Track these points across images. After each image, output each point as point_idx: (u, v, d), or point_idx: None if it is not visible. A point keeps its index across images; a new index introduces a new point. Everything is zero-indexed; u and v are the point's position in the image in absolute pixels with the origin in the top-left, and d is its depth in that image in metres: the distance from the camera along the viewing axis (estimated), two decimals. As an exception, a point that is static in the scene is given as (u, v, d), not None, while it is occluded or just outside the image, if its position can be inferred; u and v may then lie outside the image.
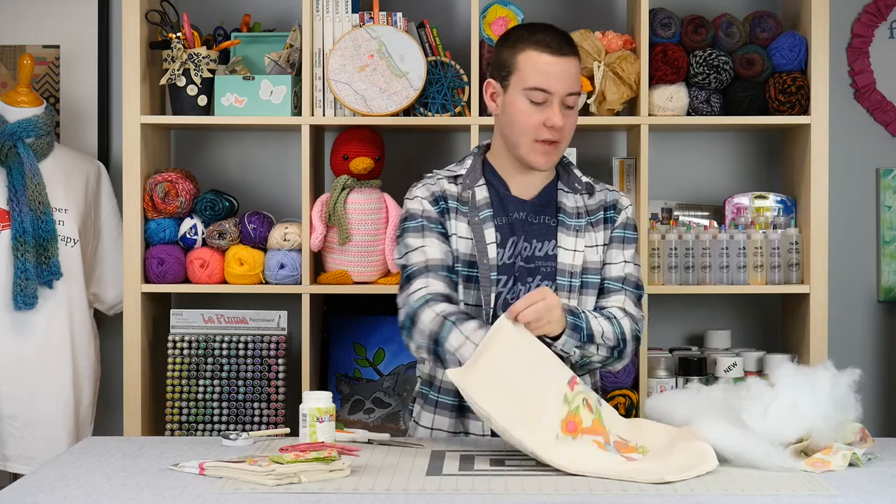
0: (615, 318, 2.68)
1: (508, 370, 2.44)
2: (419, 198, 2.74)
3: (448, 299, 2.66)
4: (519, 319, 2.48)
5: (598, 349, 2.63)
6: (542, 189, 2.77)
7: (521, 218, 2.74)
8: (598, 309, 2.73)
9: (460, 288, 2.71)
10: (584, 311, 2.63)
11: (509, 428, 2.37)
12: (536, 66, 2.66)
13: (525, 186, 2.76)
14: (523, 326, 2.49)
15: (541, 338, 2.53)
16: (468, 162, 2.79)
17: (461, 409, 2.72)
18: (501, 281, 2.70)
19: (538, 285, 2.69)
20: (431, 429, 2.74)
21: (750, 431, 2.37)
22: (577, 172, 2.81)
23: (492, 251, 2.69)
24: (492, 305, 2.68)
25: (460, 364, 2.52)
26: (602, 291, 2.75)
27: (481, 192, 2.74)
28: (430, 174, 2.81)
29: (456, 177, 2.77)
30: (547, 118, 2.66)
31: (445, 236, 2.72)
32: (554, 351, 2.54)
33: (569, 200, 2.76)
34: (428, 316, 2.61)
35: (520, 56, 2.68)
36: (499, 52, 2.75)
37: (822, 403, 2.38)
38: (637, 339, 2.72)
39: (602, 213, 2.78)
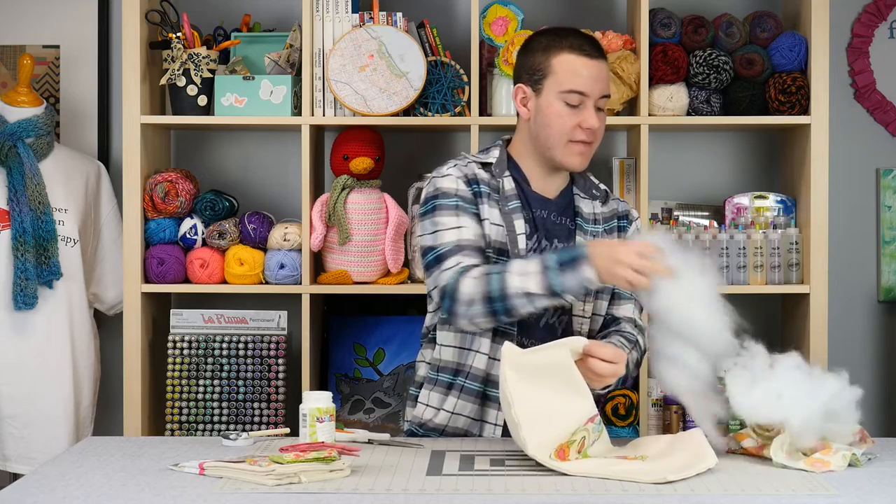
0: (637, 344, 2.73)
1: (549, 377, 2.44)
2: (452, 176, 2.70)
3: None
4: (591, 366, 2.49)
5: (626, 379, 2.69)
6: (561, 192, 2.78)
7: (543, 216, 2.75)
8: (613, 320, 2.77)
9: None
10: (623, 346, 2.67)
11: (521, 424, 2.37)
12: (573, 68, 2.67)
13: (546, 186, 2.77)
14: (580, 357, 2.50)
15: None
16: (496, 152, 2.77)
17: (485, 396, 2.72)
18: None
19: None
20: (452, 413, 2.74)
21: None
22: (594, 179, 2.83)
23: (521, 241, 2.69)
24: None
25: (528, 299, 2.51)
26: (613, 297, 2.78)
27: (509, 183, 2.73)
28: (460, 157, 2.77)
29: (485, 164, 2.75)
30: (583, 120, 2.67)
31: (479, 219, 2.69)
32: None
33: (585, 206, 2.78)
34: (468, 284, 2.56)
35: (554, 59, 2.69)
36: (528, 57, 2.74)
37: (809, 406, 2.38)
38: (644, 352, 2.77)
39: (615, 221, 2.81)
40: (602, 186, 2.83)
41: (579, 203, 2.78)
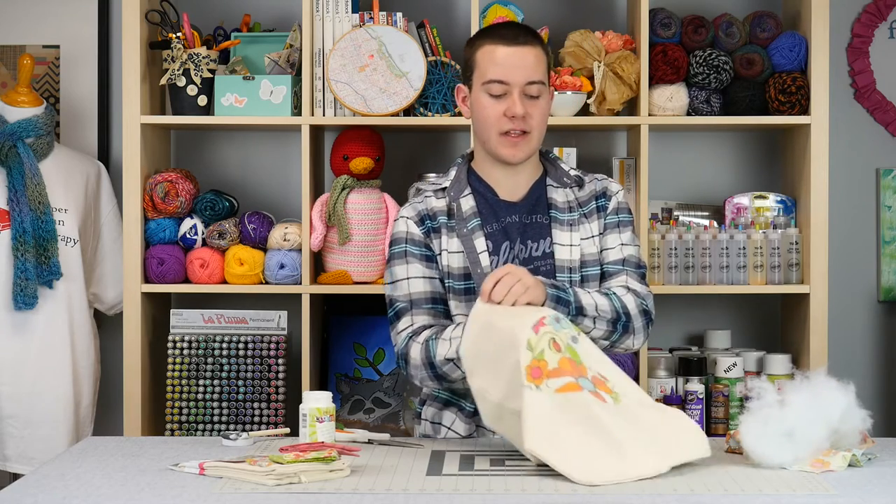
0: (614, 293, 2.67)
1: (484, 342, 2.44)
2: (404, 218, 2.76)
3: (431, 327, 2.69)
4: (492, 298, 2.49)
5: (594, 322, 2.62)
6: (531, 188, 2.76)
7: (514, 221, 2.73)
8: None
9: (456, 303, 2.70)
10: (572, 287, 2.63)
11: (503, 401, 2.37)
12: (492, 58, 2.67)
13: (512, 188, 2.75)
14: (498, 305, 2.49)
15: None
16: (452, 172, 2.79)
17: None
18: None
19: None
20: (450, 428, 2.75)
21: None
22: (565, 167, 2.80)
23: (484, 260, 2.69)
24: None
25: (451, 366, 2.58)
26: (604, 277, 2.74)
27: (468, 203, 2.73)
28: (418, 192, 2.81)
29: (442, 189, 2.77)
30: (507, 108, 2.66)
31: (430, 259, 2.72)
32: None
33: (559, 195, 2.75)
34: (415, 350, 2.65)
35: (477, 53, 2.70)
36: (464, 56, 2.77)
37: (819, 434, 2.36)
38: (646, 313, 2.70)
39: (594, 202, 2.77)
40: (573, 172, 2.79)
41: (552, 194, 2.75)
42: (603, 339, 2.65)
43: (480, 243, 2.70)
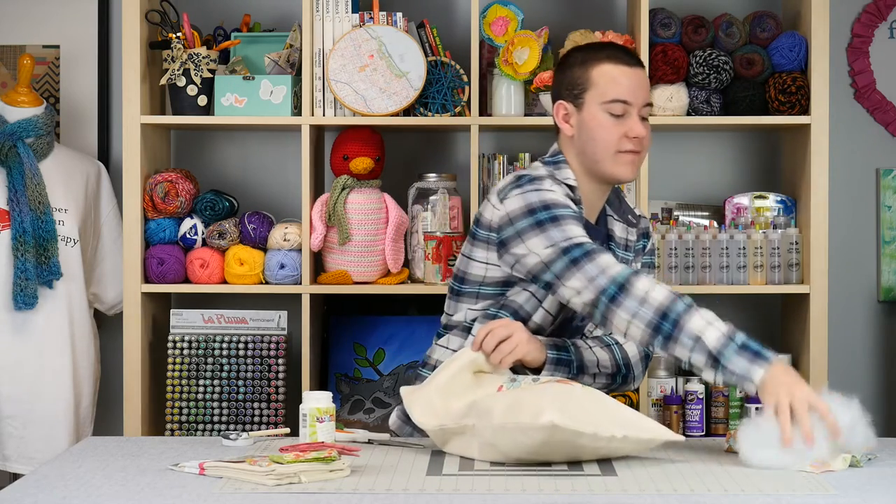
0: (617, 344, 2.70)
1: (450, 386, 2.47)
2: (556, 192, 2.61)
3: None
4: (483, 349, 2.51)
5: (594, 378, 2.65)
6: (599, 214, 2.74)
7: None
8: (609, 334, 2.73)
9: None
10: (574, 343, 2.64)
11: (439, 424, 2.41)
12: (615, 78, 2.64)
13: (592, 209, 2.72)
14: (484, 356, 2.51)
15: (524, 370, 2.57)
16: (568, 173, 2.69)
17: None
18: None
19: None
20: None
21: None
22: (629, 203, 2.80)
23: None
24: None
25: (693, 344, 2.40)
26: None
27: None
28: (535, 171, 2.67)
29: (570, 186, 2.68)
30: (629, 129, 2.63)
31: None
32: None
33: (618, 230, 2.74)
34: (647, 283, 2.42)
35: (593, 71, 2.66)
36: (566, 73, 2.70)
37: (822, 453, 2.35)
38: (647, 357, 2.74)
39: (640, 242, 2.80)
40: (637, 212, 2.80)
41: (612, 226, 2.74)
42: (601, 388, 2.66)
43: None
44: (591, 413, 2.32)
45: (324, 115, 3.71)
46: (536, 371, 2.59)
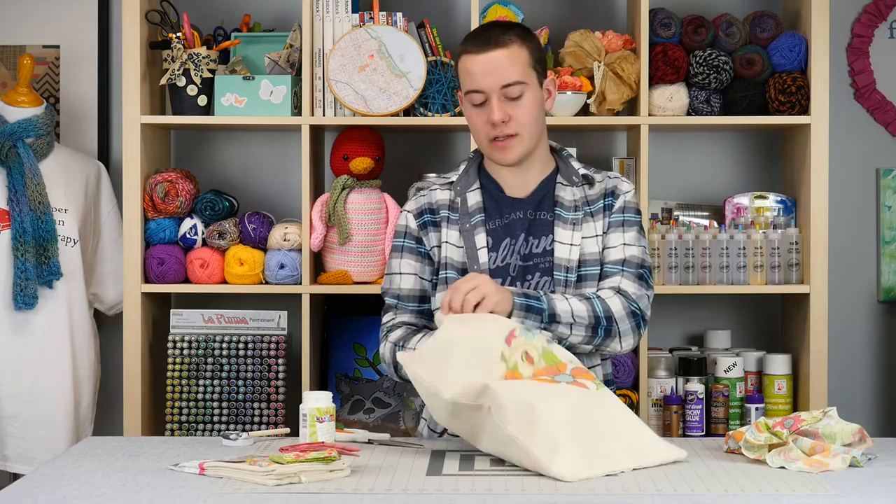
0: (597, 297, 2.65)
1: (451, 349, 2.43)
2: (405, 212, 2.81)
3: (409, 326, 2.74)
4: (451, 308, 2.51)
5: (571, 329, 2.60)
6: (539, 184, 2.76)
7: (519, 217, 2.73)
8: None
9: None
10: (547, 294, 2.62)
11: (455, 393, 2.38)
12: (468, 69, 2.69)
13: (520, 185, 2.76)
14: (460, 315, 2.50)
15: None
16: (462, 167, 2.82)
17: None
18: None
19: (536, 283, 2.69)
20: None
21: None
22: (576, 165, 2.79)
23: (482, 256, 2.69)
24: None
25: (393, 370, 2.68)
26: (601, 277, 2.72)
27: (474, 198, 2.75)
28: (425, 183, 2.85)
29: (449, 183, 2.80)
30: (488, 116, 2.67)
31: (423, 256, 2.76)
32: None
33: (566, 193, 2.75)
34: (386, 349, 2.73)
35: (459, 65, 2.73)
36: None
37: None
38: (635, 314, 2.66)
39: (602, 200, 2.75)
40: (582, 171, 2.77)
41: (559, 192, 2.75)
42: (583, 344, 2.63)
43: (481, 239, 2.71)
44: (605, 440, 2.31)
45: (324, 115, 3.71)
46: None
